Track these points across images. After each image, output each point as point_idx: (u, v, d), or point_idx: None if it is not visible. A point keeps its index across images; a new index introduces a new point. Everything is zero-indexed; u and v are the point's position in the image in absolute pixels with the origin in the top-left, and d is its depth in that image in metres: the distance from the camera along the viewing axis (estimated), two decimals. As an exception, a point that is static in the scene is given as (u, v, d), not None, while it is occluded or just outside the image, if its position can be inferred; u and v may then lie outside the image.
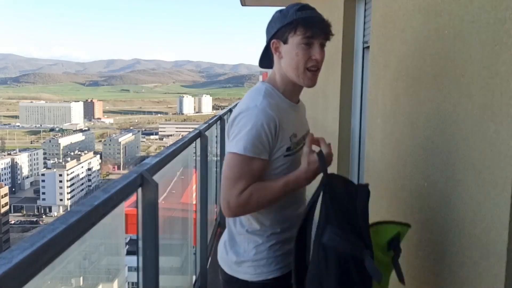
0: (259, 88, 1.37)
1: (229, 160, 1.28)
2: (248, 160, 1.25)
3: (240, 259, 1.37)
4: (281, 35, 1.32)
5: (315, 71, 1.33)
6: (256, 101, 1.29)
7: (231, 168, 1.27)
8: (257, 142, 1.25)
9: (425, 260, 1.52)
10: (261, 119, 1.25)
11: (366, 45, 2.89)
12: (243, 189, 1.26)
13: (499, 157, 1.07)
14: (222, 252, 1.45)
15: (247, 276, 1.36)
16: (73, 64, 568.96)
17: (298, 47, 1.29)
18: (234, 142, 1.27)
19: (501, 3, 1.07)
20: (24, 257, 0.76)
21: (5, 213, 69.04)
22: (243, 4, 7.05)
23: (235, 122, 1.30)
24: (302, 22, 1.28)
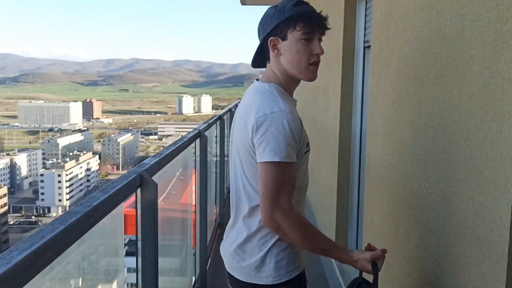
0: (269, 90, 1.32)
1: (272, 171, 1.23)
2: (287, 166, 1.23)
3: (261, 263, 1.33)
4: (279, 32, 1.30)
5: (316, 65, 1.32)
6: (278, 105, 1.26)
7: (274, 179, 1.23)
8: (293, 147, 1.24)
9: (426, 260, 1.51)
10: (291, 123, 1.23)
11: (367, 45, 2.88)
12: (288, 201, 1.24)
13: (500, 157, 1.06)
14: (233, 259, 1.39)
15: (270, 280, 1.32)
16: (72, 63, 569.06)
17: (298, 43, 1.28)
18: (271, 150, 1.21)
19: (503, 2, 1.07)
20: (23, 257, 0.75)
21: (4, 213, 68.99)
22: (243, 3, 7.05)
23: (262, 128, 1.23)
24: (301, 18, 1.26)
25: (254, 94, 1.36)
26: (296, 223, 1.25)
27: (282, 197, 1.23)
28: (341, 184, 3.33)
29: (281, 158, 1.21)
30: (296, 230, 1.25)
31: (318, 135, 4.32)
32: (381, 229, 2.05)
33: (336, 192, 3.36)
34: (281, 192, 1.23)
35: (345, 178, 3.32)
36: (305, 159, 1.34)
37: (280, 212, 1.23)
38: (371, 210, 2.22)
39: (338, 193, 3.35)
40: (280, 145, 1.21)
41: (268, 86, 1.34)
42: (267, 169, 1.23)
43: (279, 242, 1.33)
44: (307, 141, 1.33)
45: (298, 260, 1.36)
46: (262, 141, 1.23)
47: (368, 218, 2.29)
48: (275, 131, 1.22)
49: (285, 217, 1.23)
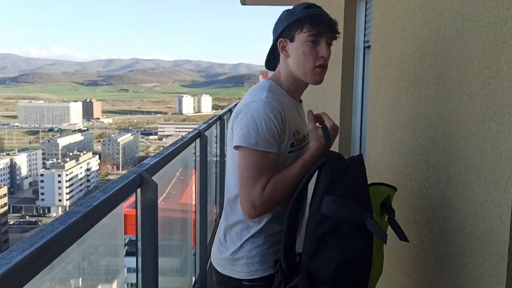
0: (263, 84, 1.36)
1: (244, 158, 1.25)
2: (264, 155, 1.24)
3: (234, 257, 1.35)
4: (287, 34, 1.32)
5: (323, 68, 1.33)
6: (261, 95, 1.29)
7: (248, 166, 1.24)
8: (267, 135, 1.24)
9: (426, 260, 1.51)
10: (268, 111, 1.24)
11: (367, 45, 2.89)
12: (264, 185, 1.24)
13: (500, 158, 1.06)
14: (215, 251, 1.43)
15: (242, 274, 1.35)
16: (72, 63, 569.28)
17: (304, 45, 1.29)
18: (241, 136, 1.24)
19: (502, 2, 1.07)
20: (23, 257, 0.75)
21: (4, 213, 68.99)
22: (243, 3, 7.05)
23: (239, 116, 1.28)
24: (308, 20, 1.28)
25: (251, 88, 1.40)
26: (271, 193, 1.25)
27: (258, 186, 1.24)
28: (341, 184, 3.33)
29: (249, 144, 1.23)
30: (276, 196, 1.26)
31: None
32: (381, 229, 2.05)
33: (336, 192, 3.35)
34: (258, 180, 1.24)
35: (345, 178, 3.32)
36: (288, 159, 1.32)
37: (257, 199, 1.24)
38: (371, 210, 2.22)
39: (338, 193, 3.34)
40: (251, 131, 1.23)
41: (265, 81, 1.38)
42: (241, 155, 1.26)
43: (253, 239, 1.34)
44: (292, 141, 1.32)
45: (272, 261, 1.35)
46: (237, 127, 1.27)
47: (368, 218, 2.29)
48: (249, 118, 1.25)
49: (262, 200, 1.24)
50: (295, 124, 1.35)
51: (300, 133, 1.37)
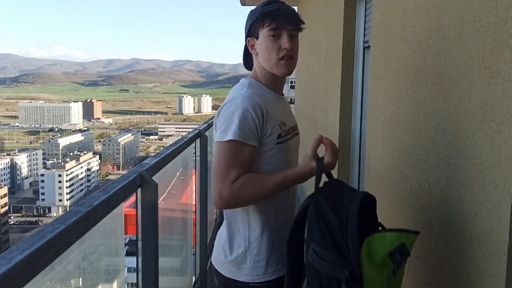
0: (243, 82, 1.40)
1: (219, 148, 1.26)
2: (238, 146, 1.24)
3: (240, 260, 1.35)
4: (253, 32, 1.36)
5: (288, 59, 1.33)
6: (241, 91, 1.32)
7: (221, 156, 1.25)
8: (245, 127, 1.24)
9: (426, 260, 1.51)
10: (247, 105, 1.26)
11: (367, 45, 2.89)
12: (235, 177, 1.23)
13: (500, 157, 1.07)
14: (219, 254, 1.42)
15: (248, 277, 1.34)
16: (72, 64, 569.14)
17: (267, 40, 1.32)
18: (222, 131, 1.26)
19: (502, 3, 1.07)
20: (24, 257, 0.75)
21: (5, 213, 69.02)
22: (243, 3, 7.06)
23: (221, 112, 1.31)
24: (267, 15, 1.31)
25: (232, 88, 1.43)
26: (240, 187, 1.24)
27: (229, 176, 1.23)
28: (341, 184, 3.33)
29: (228, 137, 1.24)
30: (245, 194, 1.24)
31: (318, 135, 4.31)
32: (381, 229, 2.05)
33: (336, 192, 3.35)
34: (228, 170, 1.23)
35: (345, 178, 3.32)
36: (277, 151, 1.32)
37: (225, 188, 1.23)
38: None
39: (338, 193, 3.34)
40: (230, 125, 1.25)
41: (244, 79, 1.41)
42: (217, 147, 1.28)
43: (260, 242, 1.34)
44: (278, 132, 1.32)
45: (279, 264, 1.35)
46: (218, 123, 1.30)
47: (368, 218, 2.29)
48: (229, 113, 1.27)
49: (230, 191, 1.23)
50: (281, 116, 1.36)
51: (287, 125, 1.38)
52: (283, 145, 1.34)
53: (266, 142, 1.30)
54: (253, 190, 1.25)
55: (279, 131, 1.32)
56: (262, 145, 1.29)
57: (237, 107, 1.26)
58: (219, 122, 1.30)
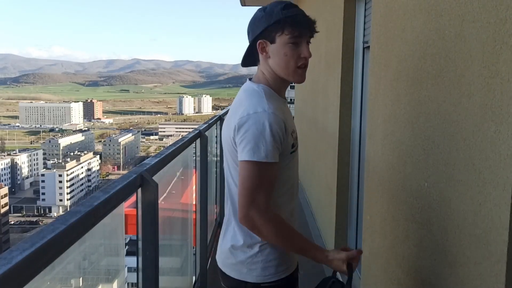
0: (257, 90, 1.35)
1: (248, 170, 1.24)
2: (269, 167, 1.24)
3: (252, 261, 1.34)
4: (267, 35, 1.31)
5: (304, 68, 1.33)
6: (263, 105, 1.27)
7: (252, 178, 1.24)
8: (274, 147, 1.24)
9: (426, 260, 1.51)
10: (273, 124, 1.24)
11: (367, 45, 2.89)
12: (265, 199, 1.24)
13: (499, 157, 1.07)
14: (226, 256, 1.40)
15: (259, 278, 1.34)
16: (72, 64, 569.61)
17: (286, 47, 1.29)
18: (250, 150, 1.23)
19: (501, 3, 1.07)
20: (24, 257, 0.76)
21: (5, 213, 69.02)
22: (243, 4, 7.06)
23: (243, 128, 1.25)
24: (289, 22, 1.27)
25: (243, 95, 1.38)
26: (272, 221, 1.25)
27: (259, 196, 1.24)
28: (340, 184, 3.33)
29: (259, 158, 1.23)
30: (271, 228, 1.26)
31: (318, 135, 4.32)
32: (380, 228, 2.05)
33: (335, 192, 3.36)
34: (258, 191, 1.24)
35: (344, 178, 3.33)
36: (291, 159, 1.34)
37: (256, 210, 1.24)
38: (371, 210, 2.22)
39: (337, 193, 3.35)
40: (259, 144, 1.23)
41: (256, 86, 1.36)
42: (246, 167, 1.25)
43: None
44: (292, 142, 1.33)
45: (288, 262, 1.37)
46: (243, 140, 1.25)
47: (367, 218, 2.29)
48: (255, 130, 1.23)
49: (260, 215, 1.24)
50: (291, 124, 1.36)
51: (294, 132, 1.38)
52: (295, 153, 1.36)
53: (284, 155, 1.30)
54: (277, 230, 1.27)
55: (292, 141, 1.33)
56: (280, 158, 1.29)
57: (265, 126, 1.23)
58: (244, 139, 1.25)
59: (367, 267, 2.33)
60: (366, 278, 2.34)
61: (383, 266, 2.04)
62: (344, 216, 3.37)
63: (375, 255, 2.17)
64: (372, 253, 2.23)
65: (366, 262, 2.34)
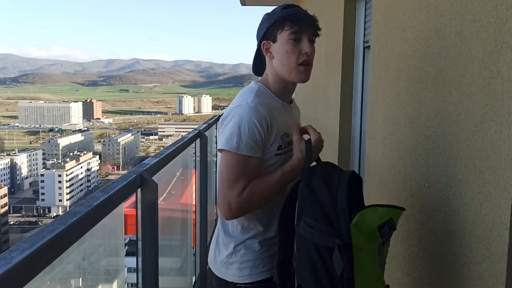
0: (252, 87, 1.37)
1: (225, 160, 1.27)
2: (245, 159, 1.25)
3: (228, 261, 1.36)
4: (270, 35, 1.33)
5: (307, 65, 1.32)
6: (247, 99, 1.29)
7: (228, 168, 1.26)
8: (250, 140, 1.24)
9: (426, 260, 1.51)
10: (252, 117, 1.25)
11: (367, 45, 2.89)
12: (242, 188, 1.25)
13: (500, 157, 1.07)
14: (212, 254, 1.44)
15: (235, 278, 1.35)
16: (72, 64, 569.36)
17: (287, 43, 1.30)
18: (224, 139, 1.26)
19: (502, 3, 1.07)
20: (24, 257, 0.75)
21: (4, 213, 68.99)
22: (243, 3, 7.06)
23: (226, 120, 1.29)
24: (288, 18, 1.29)
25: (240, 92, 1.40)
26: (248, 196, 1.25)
27: (236, 188, 1.24)
28: (341, 184, 3.33)
29: (231, 148, 1.24)
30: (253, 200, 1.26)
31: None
32: (381, 229, 2.05)
33: (336, 192, 3.35)
34: (236, 183, 1.24)
35: (345, 178, 3.32)
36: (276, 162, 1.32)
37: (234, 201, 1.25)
38: (371, 210, 2.22)
39: (338, 193, 3.34)
40: (233, 135, 1.24)
41: (254, 84, 1.38)
42: (223, 157, 1.28)
43: (248, 243, 1.35)
44: (279, 144, 1.32)
45: (266, 265, 1.35)
46: (222, 132, 1.29)
47: (368, 218, 2.29)
48: (233, 122, 1.26)
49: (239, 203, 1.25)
50: (284, 127, 1.35)
51: (289, 136, 1.37)
52: (282, 156, 1.34)
53: (267, 153, 1.30)
54: (259, 196, 1.26)
55: (279, 143, 1.32)
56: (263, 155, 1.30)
57: (242, 118, 1.25)
58: (224, 130, 1.29)
59: (367, 267, 2.32)
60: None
61: (383, 266, 2.03)
62: (344, 216, 3.36)
63: (375, 255, 2.17)
64: (372, 253, 2.23)
65: (366, 262, 2.34)
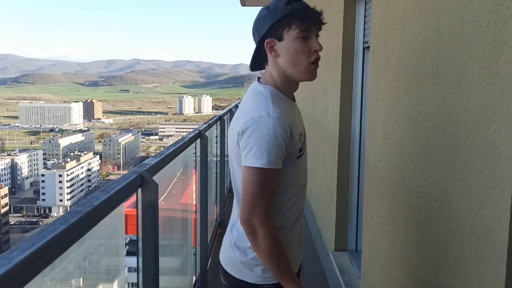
0: (263, 93, 1.30)
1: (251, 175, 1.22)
2: (271, 173, 1.21)
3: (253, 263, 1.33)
4: (274, 33, 1.26)
5: (317, 63, 1.28)
6: (268, 109, 1.23)
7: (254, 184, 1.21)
8: (279, 153, 1.20)
9: (426, 260, 1.51)
10: (278, 129, 1.20)
11: (367, 45, 2.89)
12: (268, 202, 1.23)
13: (499, 157, 1.07)
14: (229, 255, 1.39)
15: (259, 280, 1.33)
16: (72, 64, 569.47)
17: (295, 42, 1.24)
18: (253, 156, 1.20)
19: (501, 3, 1.07)
20: (24, 257, 0.76)
21: (5, 213, 69.03)
22: (243, 4, 7.06)
23: (247, 132, 1.22)
24: (296, 16, 1.23)
25: (249, 97, 1.34)
26: (271, 234, 1.23)
27: (260, 202, 1.22)
28: (340, 184, 3.33)
29: (262, 164, 1.19)
30: (268, 241, 1.23)
31: (318, 135, 4.32)
32: (381, 228, 2.05)
33: (335, 192, 3.36)
34: (260, 197, 1.22)
35: (344, 178, 3.33)
36: (297, 163, 1.31)
37: (257, 217, 1.22)
38: (371, 210, 2.22)
39: (337, 193, 3.35)
40: (262, 150, 1.19)
41: (263, 88, 1.31)
42: (248, 173, 1.22)
43: None
44: (299, 147, 1.29)
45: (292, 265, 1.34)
46: (246, 146, 1.22)
47: (367, 218, 2.29)
48: (259, 136, 1.20)
49: (261, 224, 1.22)
50: (298, 127, 1.32)
51: (303, 135, 1.35)
52: (302, 157, 1.33)
53: (290, 159, 1.27)
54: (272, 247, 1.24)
55: (300, 145, 1.29)
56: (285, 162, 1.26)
57: (269, 131, 1.19)
58: (247, 145, 1.22)
59: (367, 267, 2.33)
60: (366, 278, 2.34)
61: (383, 266, 2.04)
62: (344, 216, 3.37)
63: (375, 255, 2.17)
64: (372, 253, 2.23)
65: (366, 262, 2.34)
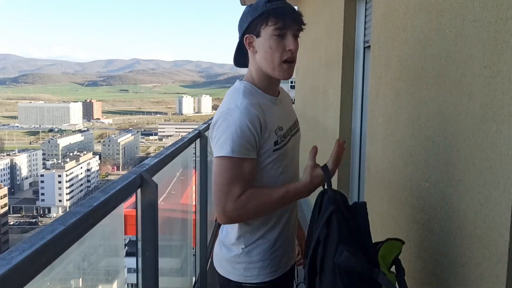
0: (237, 87, 1.34)
1: (218, 165, 1.24)
2: (238, 162, 1.22)
3: (236, 260, 1.35)
4: (253, 29, 1.29)
5: (291, 62, 1.30)
6: (236, 101, 1.26)
7: (221, 173, 1.23)
8: (244, 142, 1.22)
9: (426, 260, 1.51)
10: (244, 118, 1.22)
11: (367, 45, 2.89)
12: (238, 193, 1.22)
13: (500, 157, 1.07)
14: (217, 252, 1.43)
15: (241, 278, 1.34)
16: (72, 64, 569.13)
17: (271, 39, 1.26)
18: (219, 146, 1.23)
19: (502, 2, 1.07)
20: (23, 258, 0.75)
21: (4, 214, 69.01)
22: (243, 3, 7.06)
23: (216, 125, 1.26)
24: (273, 13, 1.25)
25: (227, 93, 1.37)
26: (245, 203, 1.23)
27: (232, 192, 1.22)
28: (341, 184, 3.33)
29: (226, 153, 1.21)
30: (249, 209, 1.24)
31: (318, 135, 4.32)
32: (381, 229, 2.05)
33: (336, 192, 3.35)
34: (229, 186, 1.22)
35: (345, 178, 3.32)
36: (275, 157, 1.30)
37: (229, 204, 1.23)
38: (371, 210, 2.21)
39: (338, 193, 3.35)
40: (227, 140, 1.21)
41: (239, 84, 1.35)
42: (216, 163, 1.25)
43: (257, 244, 1.34)
44: (275, 139, 1.30)
45: (274, 266, 1.35)
46: (215, 137, 1.26)
47: (368, 218, 2.29)
48: (225, 127, 1.23)
49: (234, 206, 1.23)
50: (277, 121, 1.32)
51: (283, 129, 1.34)
52: (280, 151, 1.32)
53: (264, 152, 1.28)
54: (257, 205, 1.24)
55: (275, 138, 1.30)
56: (259, 155, 1.27)
57: (234, 121, 1.22)
58: (215, 136, 1.26)
59: (367, 267, 2.32)
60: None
61: (384, 266, 2.03)
62: (344, 216, 3.36)
63: (375, 255, 2.17)
64: (372, 253, 2.23)
65: (366, 262, 2.34)
